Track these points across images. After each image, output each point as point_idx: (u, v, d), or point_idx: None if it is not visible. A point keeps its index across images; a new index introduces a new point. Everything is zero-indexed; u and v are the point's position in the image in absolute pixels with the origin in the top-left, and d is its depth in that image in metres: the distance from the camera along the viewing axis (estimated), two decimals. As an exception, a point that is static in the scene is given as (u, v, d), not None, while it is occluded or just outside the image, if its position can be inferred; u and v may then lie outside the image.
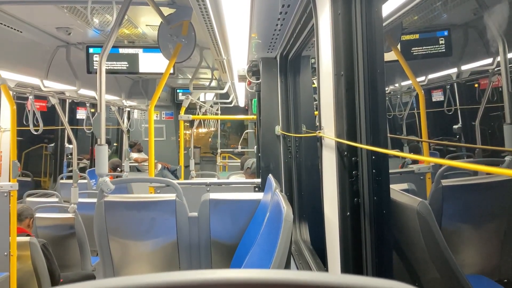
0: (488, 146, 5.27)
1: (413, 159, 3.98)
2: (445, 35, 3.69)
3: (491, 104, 4.70)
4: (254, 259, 2.05)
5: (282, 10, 2.32)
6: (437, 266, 1.89)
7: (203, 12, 2.35)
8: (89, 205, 4.58)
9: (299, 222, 3.41)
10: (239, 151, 10.81)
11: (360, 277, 0.46)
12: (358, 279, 0.45)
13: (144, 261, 2.94)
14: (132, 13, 3.68)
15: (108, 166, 8.11)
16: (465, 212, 2.59)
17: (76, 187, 4.27)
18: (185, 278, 0.44)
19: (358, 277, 0.46)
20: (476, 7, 3.50)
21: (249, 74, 3.95)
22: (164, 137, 10.80)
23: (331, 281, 0.45)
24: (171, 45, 3.15)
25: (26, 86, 4.69)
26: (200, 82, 8.22)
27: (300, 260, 2.92)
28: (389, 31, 3.24)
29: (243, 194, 2.99)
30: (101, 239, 2.87)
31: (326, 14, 1.58)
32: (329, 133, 1.60)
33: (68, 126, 5.03)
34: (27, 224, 3.90)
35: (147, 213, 2.86)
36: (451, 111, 5.63)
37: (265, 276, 0.45)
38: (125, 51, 4.18)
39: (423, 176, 3.36)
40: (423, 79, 5.06)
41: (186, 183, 3.74)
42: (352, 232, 1.46)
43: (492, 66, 3.93)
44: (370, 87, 1.44)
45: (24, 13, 3.40)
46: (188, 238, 2.88)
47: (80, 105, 8.00)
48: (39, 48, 4.18)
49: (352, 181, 1.46)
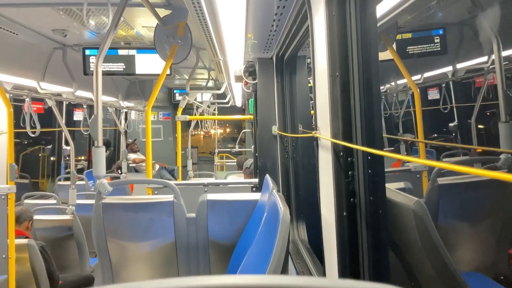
0: (483, 147, 5.29)
1: (407, 161, 3.99)
2: (441, 34, 3.70)
3: (487, 102, 4.72)
4: (252, 259, 2.06)
5: (277, 11, 2.32)
6: (433, 264, 1.90)
7: (198, 13, 2.36)
8: (87, 206, 4.59)
9: (297, 222, 3.42)
10: (237, 150, 10.83)
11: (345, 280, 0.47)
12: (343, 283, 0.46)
13: (142, 262, 2.95)
14: (128, 14, 3.68)
15: (114, 166, 8.12)
16: (461, 210, 2.61)
17: (74, 188, 4.28)
18: (181, 285, 0.44)
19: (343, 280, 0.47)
20: (471, 6, 3.51)
21: (246, 75, 3.96)
22: (162, 137, 10.80)
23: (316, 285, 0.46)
24: (167, 46, 3.15)
25: (23, 89, 4.69)
26: (197, 82, 8.22)
27: (298, 260, 2.93)
28: (384, 30, 3.25)
29: (241, 195, 3.00)
30: (99, 240, 2.87)
31: (320, 15, 1.59)
32: (325, 134, 1.61)
33: (65, 128, 5.04)
34: (26, 226, 3.90)
35: (145, 215, 2.86)
36: (447, 109, 5.65)
37: (261, 281, 0.45)
38: (122, 52, 4.18)
39: (420, 175, 3.37)
40: (419, 78, 5.07)
41: (184, 184, 3.75)
42: (349, 231, 1.47)
43: (487, 64, 3.95)
44: (365, 87, 1.45)
45: (20, 16, 3.40)
46: (186, 239, 2.88)
47: (77, 107, 7.99)
48: (35, 50, 4.18)
49: (348, 181, 1.47)
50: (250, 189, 3.78)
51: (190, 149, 6.30)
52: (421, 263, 2.01)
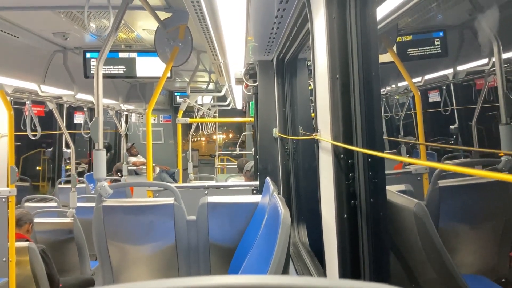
0: (485, 149, 5.28)
1: (408, 162, 3.99)
2: (441, 36, 3.70)
3: (488, 104, 4.72)
4: (253, 262, 2.06)
5: (277, 13, 2.33)
6: (434, 266, 1.90)
7: (199, 16, 2.36)
8: (88, 209, 4.59)
9: (298, 224, 3.41)
10: (237, 153, 10.82)
11: (346, 280, 0.46)
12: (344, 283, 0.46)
13: (143, 265, 2.94)
14: (128, 17, 3.69)
15: (113, 169, 8.12)
16: (462, 212, 2.60)
17: (74, 191, 4.27)
18: (181, 285, 0.44)
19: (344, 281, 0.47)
20: (471, 8, 3.51)
21: (246, 77, 3.96)
22: (162, 140, 10.80)
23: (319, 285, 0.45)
24: (168, 49, 3.16)
25: (24, 92, 4.69)
26: (197, 85, 8.22)
27: (299, 263, 2.92)
28: (385, 32, 3.25)
29: (241, 197, 3.00)
30: (100, 243, 2.87)
31: (321, 17, 1.59)
32: (326, 136, 1.61)
33: (66, 131, 5.04)
34: (26, 229, 3.90)
35: (145, 217, 2.86)
36: (447, 112, 5.65)
37: (262, 281, 0.45)
38: (122, 55, 4.19)
39: (420, 177, 3.37)
40: (420, 80, 5.07)
41: (184, 187, 3.75)
42: (349, 234, 1.47)
43: (488, 67, 3.95)
44: (366, 90, 1.45)
45: (21, 19, 3.40)
46: (187, 241, 2.88)
47: (78, 110, 8.00)
48: (36, 53, 4.19)
49: (348, 184, 1.47)
50: (251, 191, 3.78)
51: (190, 151, 6.29)
52: (422, 265, 2.00)
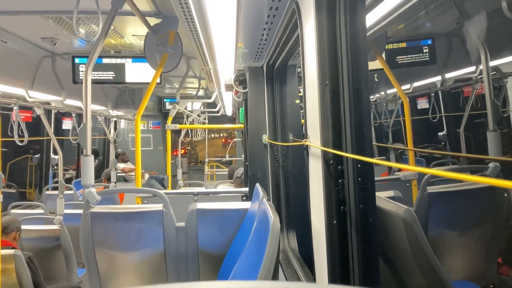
0: (473, 155, 5.33)
1: (397, 167, 4.01)
2: (429, 44, 3.75)
3: (475, 111, 4.77)
4: (242, 268, 2.04)
5: (267, 20, 2.33)
6: (423, 272, 1.90)
7: (189, 22, 2.36)
8: (75, 216, 4.53)
9: (287, 231, 3.41)
10: (227, 160, 10.80)
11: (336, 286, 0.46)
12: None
13: (131, 272, 2.91)
14: (118, 23, 3.67)
15: (103, 176, 8.05)
16: (451, 218, 2.62)
17: (61, 198, 4.23)
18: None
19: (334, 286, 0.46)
20: (459, 16, 3.56)
21: (236, 83, 3.96)
22: (152, 146, 10.75)
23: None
24: (157, 55, 3.15)
25: (11, 97, 4.65)
26: (187, 91, 8.22)
27: (288, 269, 2.91)
28: (374, 40, 3.28)
29: (231, 204, 2.98)
30: (87, 250, 2.83)
31: (311, 24, 1.60)
32: (315, 142, 1.61)
33: (54, 137, 4.98)
34: (13, 237, 3.84)
35: (133, 224, 2.83)
36: (436, 119, 5.70)
37: (251, 286, 0.45)
38: (112, 61, 4.17)
39: (409, 183, 3.39)
40: (408, 87, 5.12)
41: (174, 193, 3.73)
42: (339, 240, 1.46)
43: (475, 74, 4.00)
44: (355, 96, 1.46)
45: (9, 23, 3.38)
46: (176, 248, 2.85)
47: (66, 116, 7.93)
48: (24, 58, 4.15)
49: (338, 190, 1.47)
50: (241, 198, 3.77)
51: (180, 158, 6.26)
52: (411, 271, 2.01)
